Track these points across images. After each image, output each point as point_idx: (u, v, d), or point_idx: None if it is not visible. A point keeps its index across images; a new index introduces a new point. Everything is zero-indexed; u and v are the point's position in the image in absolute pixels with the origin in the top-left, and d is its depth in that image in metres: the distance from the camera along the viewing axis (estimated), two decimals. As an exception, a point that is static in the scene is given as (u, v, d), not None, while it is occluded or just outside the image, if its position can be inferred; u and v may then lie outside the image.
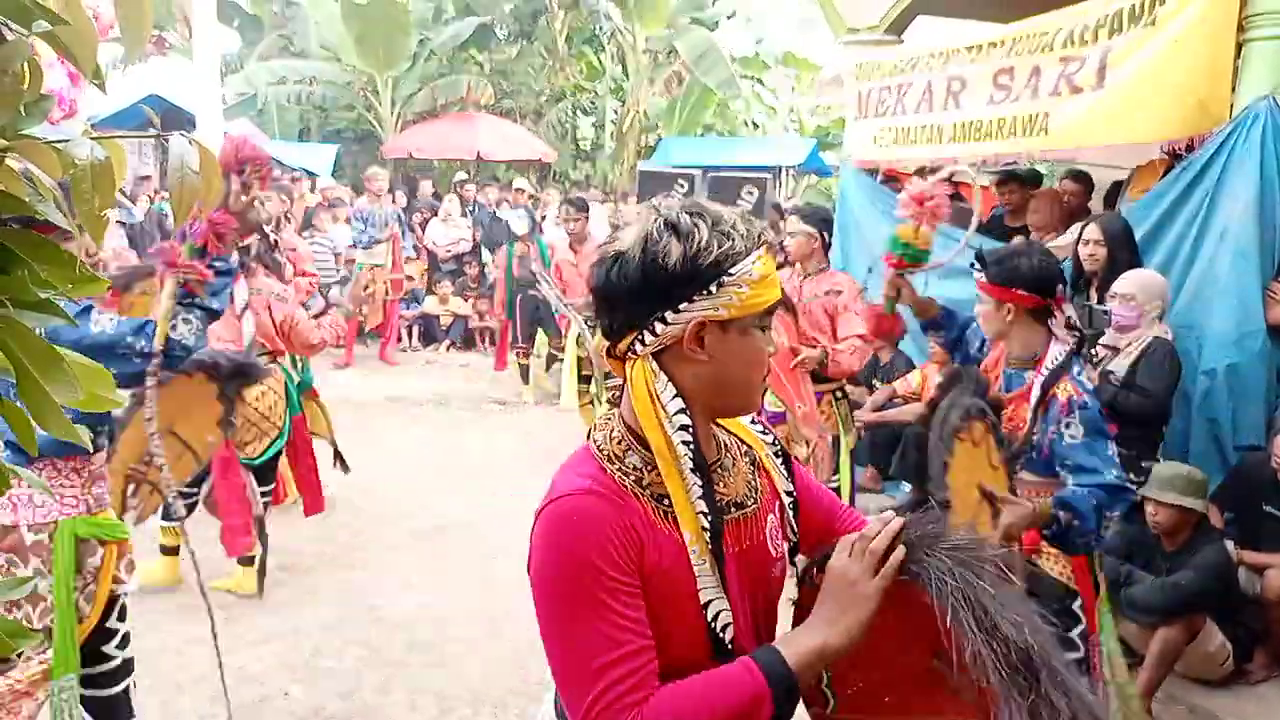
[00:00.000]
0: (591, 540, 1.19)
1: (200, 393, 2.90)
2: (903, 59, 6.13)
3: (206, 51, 12.24)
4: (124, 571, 2.48)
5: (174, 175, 0.98)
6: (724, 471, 1.34)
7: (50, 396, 0.98)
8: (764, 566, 1.35)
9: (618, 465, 1.28)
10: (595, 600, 1.17)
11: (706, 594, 1.23)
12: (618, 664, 1.16)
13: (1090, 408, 2.61)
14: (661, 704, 1.16)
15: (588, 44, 20.09)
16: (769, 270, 1.25)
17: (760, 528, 1.35)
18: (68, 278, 0.99)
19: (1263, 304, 4.06)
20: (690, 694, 1.17)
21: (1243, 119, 4.06)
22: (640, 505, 1.24)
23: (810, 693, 1.42)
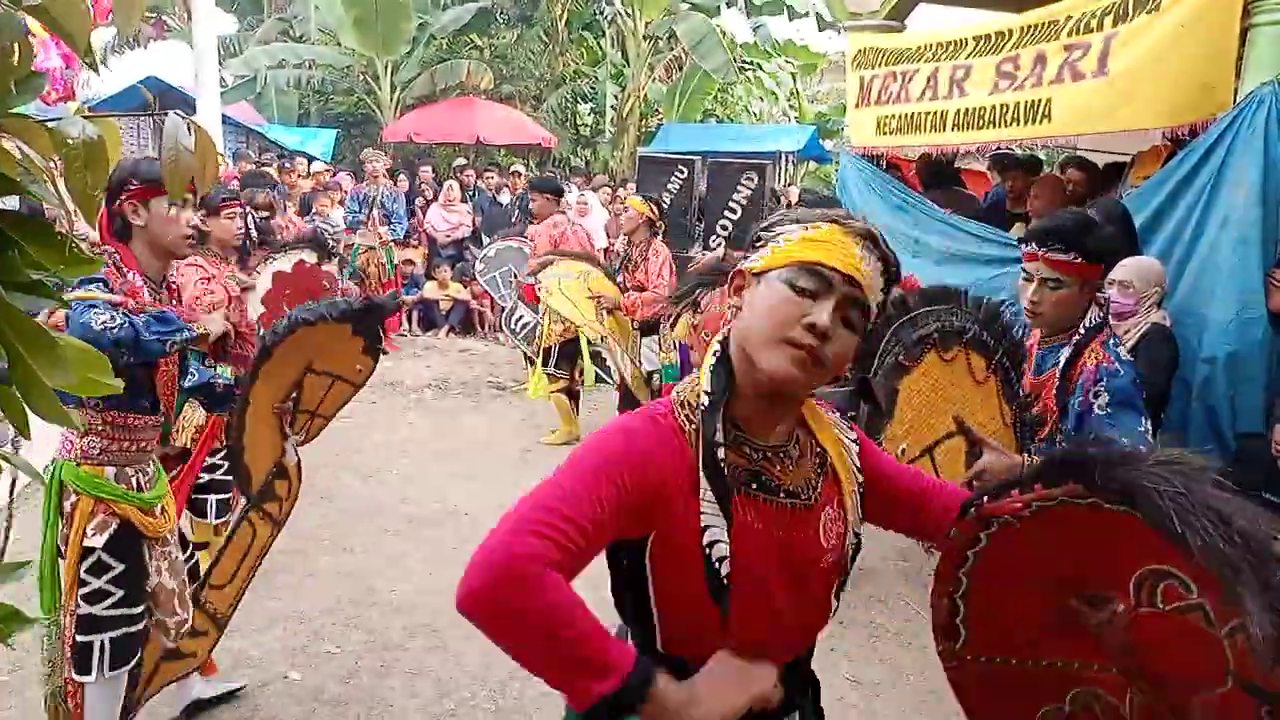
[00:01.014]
0: (620, 444, 1.27)
1: (332, 333, 2.99)
2: (908, 47, 6.10)
3: (205, 35, 12.19)
4: (92, 529, 2.57)
5: (168, 153, 0.97)
6: (785, 459, 1.37)
7: (41, 379, 0.97)
8: (809, 558, 1.38)
9: (685, 411, 1.33)
10: (585, 471, 1.22)
11: (709, 531, 1.26)
12: (558, 517, 1.17)
13: (1121, 376, 2.38)
14: (546, 580, 1.14)
15: (587, 29, 20.00)
16: (818, 236, 1.30)
17: (811, 522, 1.38)
18: (59, 259, 0.98)
19: (1264, 291, 4.04)
20: (567, 606, 1.15)
21: (1247, 104, 4.04)
22: (685, 447, 1.30)
23: (943, 626, 1.49)
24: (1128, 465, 1.24)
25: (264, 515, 3.14)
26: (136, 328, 2.36)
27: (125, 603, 2.62)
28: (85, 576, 2.59)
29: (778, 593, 1.34)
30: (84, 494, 2.57)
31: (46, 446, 2.53)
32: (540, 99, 19.23)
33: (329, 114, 19.06)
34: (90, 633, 2.59)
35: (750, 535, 1.30)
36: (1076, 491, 1.31)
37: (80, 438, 2.55)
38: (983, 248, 5.57)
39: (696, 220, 8.54)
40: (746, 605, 1.30)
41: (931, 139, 5.97)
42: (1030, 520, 1.37)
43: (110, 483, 2.59)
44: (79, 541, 2.57)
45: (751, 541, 1.30)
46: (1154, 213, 4.37)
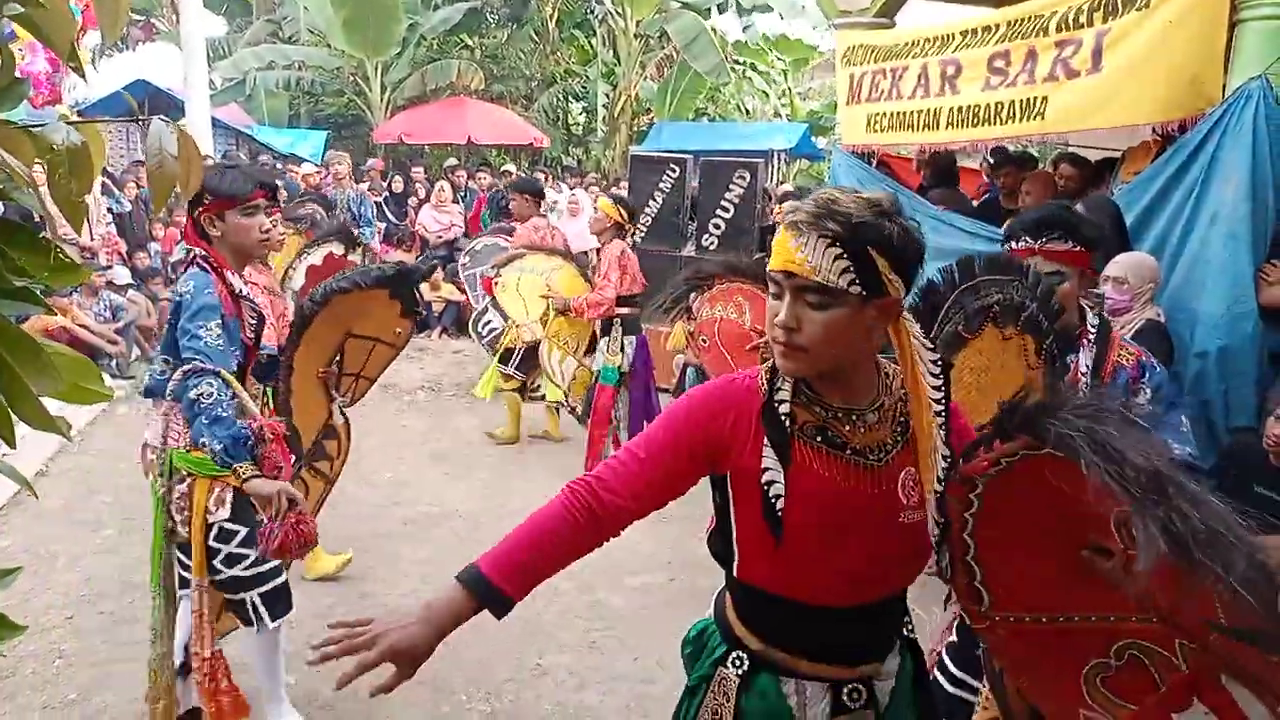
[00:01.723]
0: (691, 404, 1.57)
1: (369, 298, 3.13)
2: (896, 43, 6.10)
3: (194, 37, 12.15)
4: (213, 504, 2.80)
5: (152, 159, 0.96)
6: (858, 421, 1.52)
7: (27, 386, 0.96)
8: (882, 511, 1.51)
9: (766, 374, 1.56)
10: (673, 422, 1.56)
11: (767, 471, 1.48)
12: (634, 458, 1.55)
13: (1160, 373, 2.27)
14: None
15: (578, 28, 19.98)
16: (777, 241, 1.46)
17: (884, 480, 1.51)
18: (45, 265, 0.97)
19: (1255, 285, 4.05)
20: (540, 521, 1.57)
21: (1235, 99, 4.05)
22: (757, 402, 1.53)
23: (964, 589, 1.55)
24: (1047, 413, 1.35)
25: (315, 472, 3.34)
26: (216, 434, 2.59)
27: (260, 561, 2.84)
28: (215, 545, 2.81)
29: (843, 538, 1.49)
30: (198, 475, 2.79)
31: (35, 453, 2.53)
32: (531, 98, 19.21)
33: (319, 115, 19.00)
34: (238, 591, 2.84)
35: (810, 480, 1.49)
36: (1029, 443, 1.39)
37: (188, 427, 2.74)
38: (974, 243, 5.56)
39: (689, 219, 8.52)
40: (799, 540, 1.49)
41: (925, 137, 5.97)
42: (1006, 475, 1.45)
43: (214, 462, 2.76)
44: (203, 517, 2.79)
45: (810, 486, 1.48)
46: (1144, 208, 4.38)
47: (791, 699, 1.58)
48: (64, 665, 3.56)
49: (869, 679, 1.61)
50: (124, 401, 7.44)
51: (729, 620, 1.66)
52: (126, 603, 4.06)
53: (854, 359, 1.51)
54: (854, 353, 1.49)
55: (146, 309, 9.13)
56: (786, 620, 1.57)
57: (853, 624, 1.56)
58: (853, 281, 1.39)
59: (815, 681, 1.58)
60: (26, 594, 4.02)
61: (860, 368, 1.53)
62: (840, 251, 1.38)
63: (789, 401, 1.50)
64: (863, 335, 1.46)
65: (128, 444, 6.37)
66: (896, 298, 1.44)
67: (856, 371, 1.53)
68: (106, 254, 9.06)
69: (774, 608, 1.57)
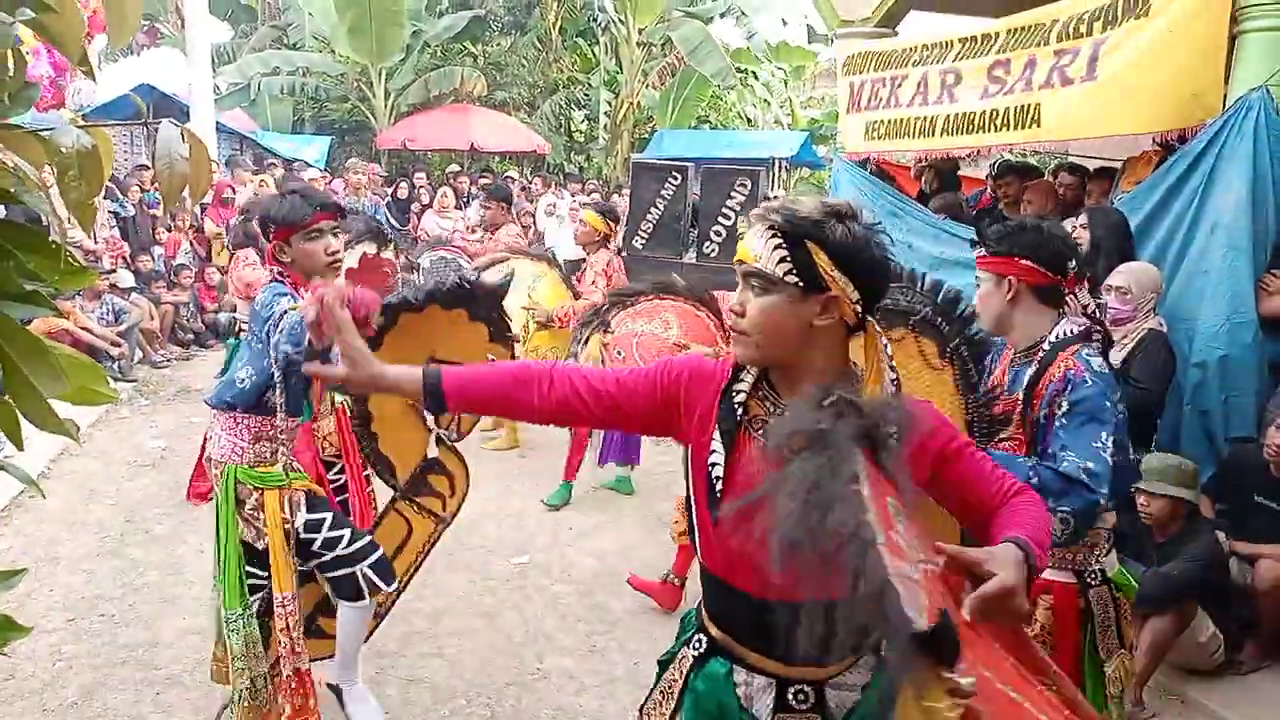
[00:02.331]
0: (671, 362, 1.68)
1: (446, 319, 2.94)
2: (896, 52, 6.12)
3: (199, 42, 12.21)
4: (289, 511, 2.84)
5: (162, 162, 0.98)
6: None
7: (35, 389, 0.97)
8: None
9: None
10: (660, 364, 1.68)
11: (713, 454, 1.57)
12: (611, 371, 1.68)
13: (1089, 386, 2.22)
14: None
15: (581, 36, 20.04)
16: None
17: None
18: (54, 269, 0.98)
19: (1254, 296, 4.06)
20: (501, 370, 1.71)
21: (1236, 110, 4.06)
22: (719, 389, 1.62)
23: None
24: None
25: (420, 510, 3.23)
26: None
27: (356, 536, 2.93)
28: (308, 536, 2.87)
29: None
30: (265, 489, 2.83)
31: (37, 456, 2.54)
32: (534, 105, 19.26)
33: (323, 121, 19.05)
34: (348, 567, 2.92)
35: (748, 469, 1.53)
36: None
37: (252, 444, 2.82)
38: (975, 251, 5.58)
39: (690, 226, 8.53)
40: (739, 524, 1.51)
41: (921, 144, 5.98)
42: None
43: (282, 473, 2.87)
44: (282, 528, 2.82)
45: (747, 475, 1.52)
46: (1144, 218, 4.39)
47: (740, 688, 1.64)
48: (64, 667, 3.56)
49: (818, 683, 1.61)
50: (126, 404, 7.45)
51: (700, 605, 1.76)
52: (127, 605, 4.07)
53: (803, 356, 1.54)
54: (798, 346, 1.53)
55: (149, 312, 9.15)
56: (732, 607, 1.64)
57: (788, 621, 1.50)
58: (789, 271, 1.47)
59: (761, 675, 1.62)
60: (27, 596, 4.03)
61: (814, 368, 1.54)
62: (780, 242, 1.48)
63: (746, 393, 1.58)
64: (806, 329, 1.51)
65: (129, 447, 6.39)
66: (839, 296, 1.49)
67: (811, 371, 1.54)
68: (110, 258, 9.08)
69: (722, 593, 1.64)
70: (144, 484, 5.68)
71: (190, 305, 9.95)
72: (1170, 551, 3.60)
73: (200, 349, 9.85)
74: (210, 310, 10.23)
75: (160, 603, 4.11)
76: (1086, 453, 2.15)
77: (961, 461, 1.57)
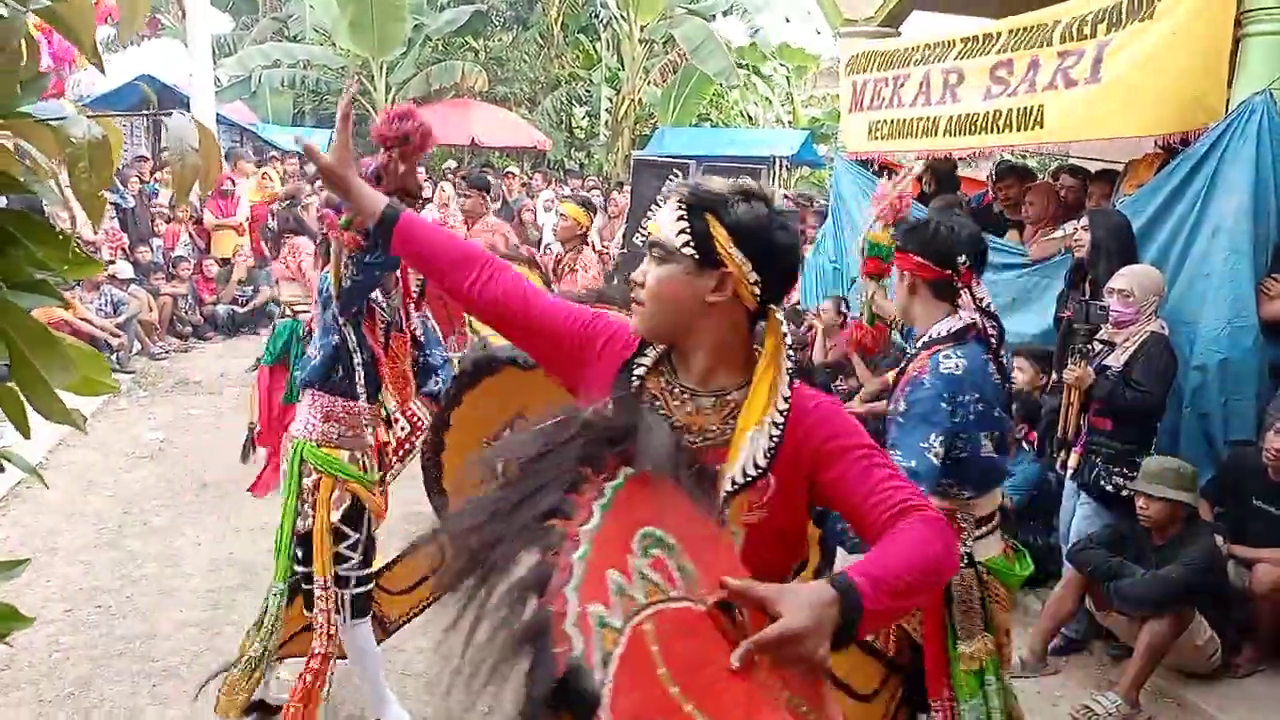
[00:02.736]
0: (619, 331, 1.65)
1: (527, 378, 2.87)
2: (898, 51, 6.12)
3: (200, 34, 12.18)
4: (334, 502, 2.89)
5: (174, 154, 0.97)
6: (691, 402, 1.55)
7: (43, 377, 0.97)
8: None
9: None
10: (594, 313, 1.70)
11: None
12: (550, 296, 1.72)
13: (928, 388, 2.29)
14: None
15: (583, 32, 20.00)
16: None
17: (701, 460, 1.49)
18: (63, 258, 0.98)
19: (1255, 299, 4.06)
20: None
21: (1238, 115, 4.06)
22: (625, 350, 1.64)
23: None
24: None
25: None
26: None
27: (361, 566, 2.95)
28: (344, 530, 2.91)
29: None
30: (324, 473, 2.88)
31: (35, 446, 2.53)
32: (535, 101, 19.23)
33: (324, 114, 19.00)
34: (337, 587, 2.91)
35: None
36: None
37: (321, 422, 2.88)
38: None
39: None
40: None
41: (924, 144, 5.98)
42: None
43: (345, 464, 2.91)
44: (328, 517, 2.87)
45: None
46: (1146, 221, 4.39)
47: None
48: (61, 658, 3.56)
49: None
50: (124, 396, 7.44)
51: None
52: (125, 597, 4.07)
53: (695, 333, 1.52)
54: (690, 320, 1.51)
55: (148, 304, 9.14)
56: None
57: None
58: (686, 242, 1.47)
59: None
60: (25, 586, 4.02)
61: (705, 350, 1.54)
62: (682, 214, 1.49)
63: (647, 368, 1.58)
64: (699, 305, 1.49)
65: (127, 438, 6.39)
66: (735, 274, 1.47)
67: (700, 352, 1.54)
68: (109, 249, 9.06)
69: None
70: (142, 476, 5.68)
71: (189, 297, 9.94)
72: (1168, 554, 3.61)
73: (199, 341, 9.84)
74: (209, 302, 10.22)
75: (158, 595, 4.11)
76: (911, 452, 2.22)
77: (841, 465, 1.46)
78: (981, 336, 2.43)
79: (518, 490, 1.19)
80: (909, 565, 1.31)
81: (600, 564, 1.15)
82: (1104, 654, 4.00)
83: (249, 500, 5.20)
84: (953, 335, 2.38)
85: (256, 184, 11.24)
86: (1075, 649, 4.05)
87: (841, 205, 6.59)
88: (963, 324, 2.40)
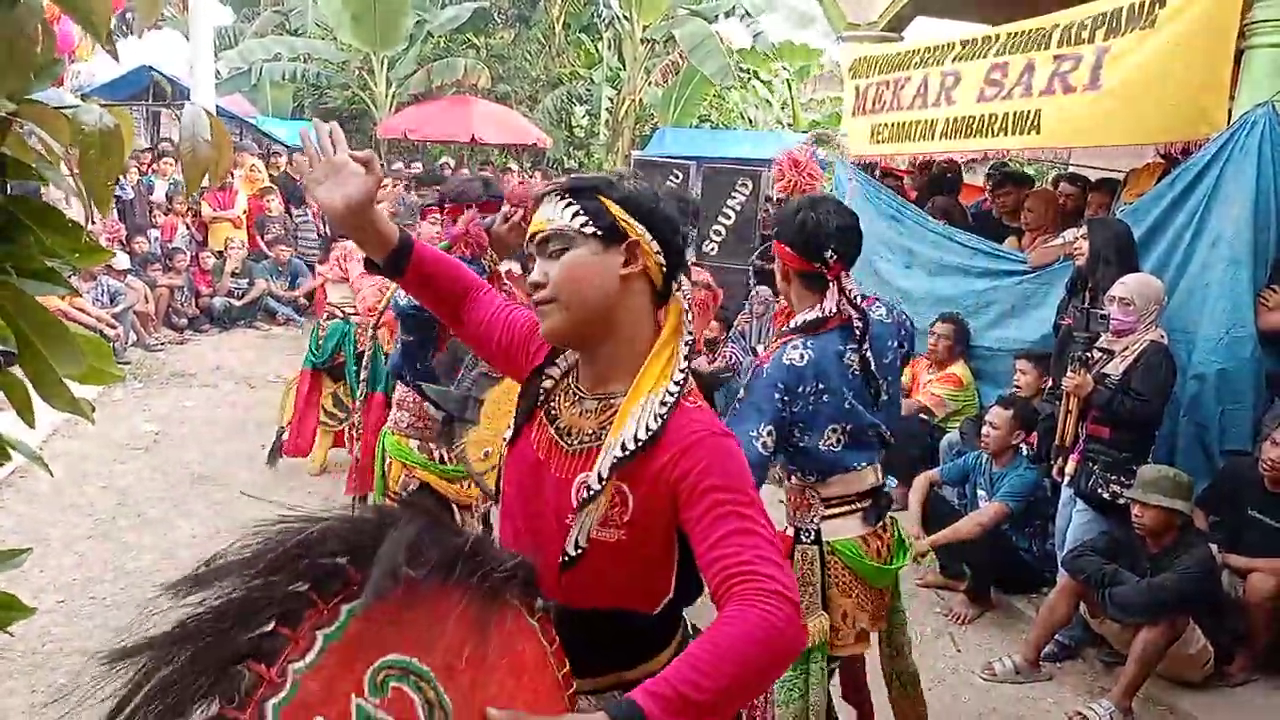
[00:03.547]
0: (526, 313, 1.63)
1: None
2: (899, 54, 6.13)
3: (201, 26, 12.13)
4: (399, 489, 3.10)
5: (186, 145, 0.97)
6: (578, 403, 1.51)
7: (52, 367, 0.96)
8: (554, 498, 1.45)
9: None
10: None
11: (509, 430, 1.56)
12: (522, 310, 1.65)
13: (765, 378, 2.32)
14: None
15: (585, 31, 19.98)
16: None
17: (569, 467, 1.45)
18: (73, 247, 0.98)
19: (1254, 310, 4.07)
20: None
21: (1241, 126, 4.07)
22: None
23: None
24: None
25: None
26: None
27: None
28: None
29: (535, 515, 1.48)
30: (394, 459, 3.09)
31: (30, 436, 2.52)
32: (536, 100, 19.20)
33: (324, 108, 18.93)
34: None
35: (525, 444, 1.52)
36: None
37: (396, 410, 3.11)
38: (974, 259, 5.59)
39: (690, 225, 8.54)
40: (508, 505, 1.55)
41: (921, 147, 5.99)
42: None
43: (413, 451, 3.08)
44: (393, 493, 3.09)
45: (524, 449, 1.52)
46: (1147, 230, 4.40)
47: None
48: (54, 649, 3.55)
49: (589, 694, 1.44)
50: (119, 387, 7.42)
51: None
52: (119, 588, 4.06)
53: (614, 319, 1.45)
54: (608, 301, 1.43)
55: (144, 294, 9.11)
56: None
57: (568, 627, 1.34)
58: (585, 223, 1.43)
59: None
60: (17, 577, 4.00)
61: (612, 340, 1.47)
62: (569, 200, 1.45)
63: (555, 380, 1.55)
64: (615, 282, 1.43)
65: (123, 430, 6.37)
66: (640, 243, 1.45)
67: (606, 346, 1.47)
68: (107, 239, 9.03)
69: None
70: (136, 467, 5.66)
71: (185, 289, 9.91)
72: (1163, 563, 3.61)
73: (195, 333, 9.81)
74: (205, 294, 10.19)
75: (152, 587, 4.09)
76: (742, 440, 2.16)
77: (699, 508, 1.29)
78: (847, 327, 2.44)
79: (210, 620, 1.00)
80: (716, 675, 1.12)
81: (303, 714, 0.97)
82: (1097, 661, 4.01)
83: (243, 492, 5.20)
84: (806, 326, 2.41)
85: (245, 176, 11.22)
86: (1069, 655, 4.06)
87: (842, 209, 6.58)
88: (817, 316, 2.41)
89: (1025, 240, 5.69)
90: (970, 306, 5.51)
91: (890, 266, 6.07)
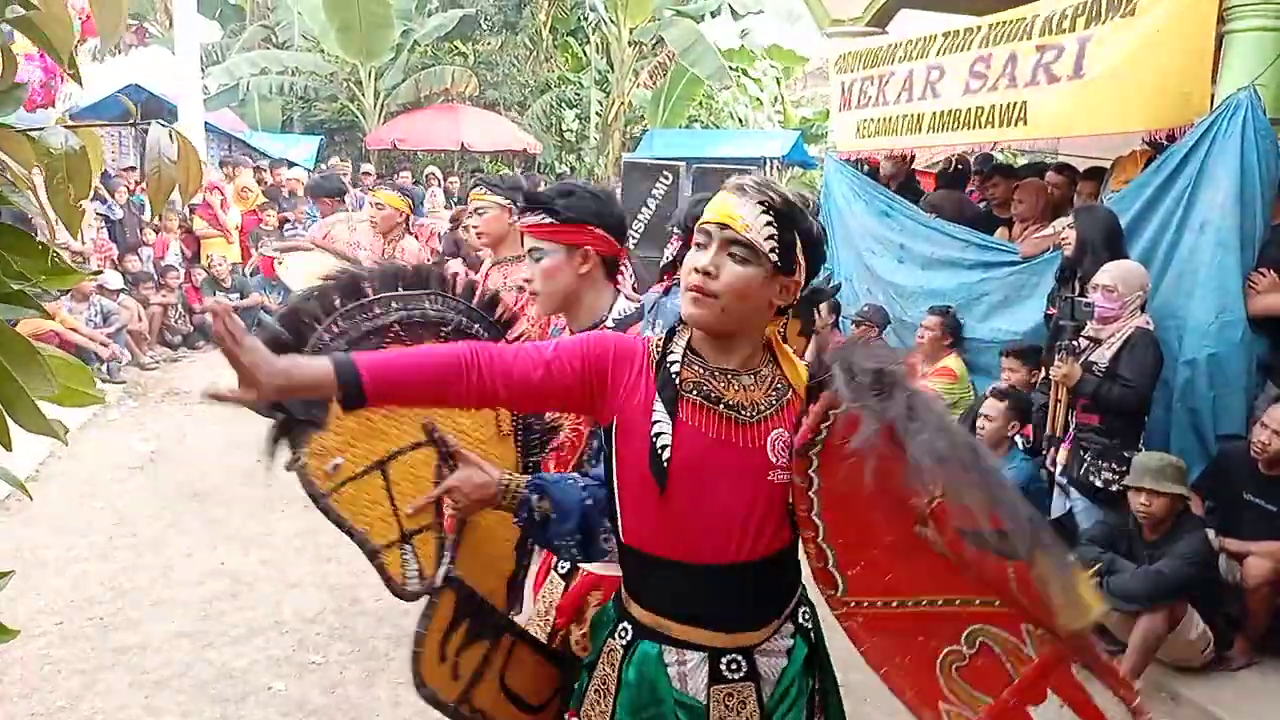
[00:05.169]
0: (623, 347, 1.65)
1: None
2: (883, 49, 6.14)
3: (187, 42, 12.15)
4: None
5: (150, 165, 0.97)
6: (735, 382, 1.61)
7: (23, 389, 0.96)
8: (753, 464, 1.58)
9: (656, 342, 1.66)
10: (585, 342, 1.65)
11: (657, 424, 1.58)
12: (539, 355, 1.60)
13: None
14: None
15: (572, 35, 20.02)
16: (717, 200, 1.60)
17: (755, 435, 1.59)
18: (41, 269, 0.98)
19: (1243, 294, 4.08)
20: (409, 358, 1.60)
21: (1224, 109, 4.08)
22: (646, 364, 1.63)
23: (820, 574, 1.59)
24: (823, 362, 1.50)
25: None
26: None
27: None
28: None
29: (715, 486, 1.57)
30: None
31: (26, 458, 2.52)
32: (525, 105, 19.22)
33: (312, 121, 18.97)
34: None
35: (687, 430, 1.58)
36: (831, 400, 1.47)
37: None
38: (966, 252, 5.60)
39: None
40: (676, 488, 1.57)
41: (907, 141, 6.01)
42: (832, 446, 1.50)
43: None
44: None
45: (688, 434, 1.57)
46: (1134, 217, 4.41)
47: (671, 668, 1.63)
48: (52, 671, 3.54)
49: (749, 651, 1.63)
50: (114, 407, 7.42)
51: (620, 592, 1.74)
52: (116, 609, 4.05)
53: (748, 327, 1.61)
54: (752, 319, 1.59)
55: (137, 314, 9.11)
56: (665, 581, 1.63)
57: (727, 585, 1.60)
58: (774, 249, 1.53)
59: (694, 650, 1.62)
60: (14, 599, 4.00)
61: (749, 338, 1.63)
62: (771, 219, 1.53)
63: (680, 361, 1.62)
64: (764, 306, 1.58)
65: (118, 449, 6.36)
66: (799, 281, 1.59)
67: (744, 339, 1.62)
68: (98, 259, 9.03)
69: (653, 569, 1.63)
70: (133, 487, 5.66)
71: (178, 307, 9.90)
72: (1160, 549, 3.62)
73: (189, 351, 9.80)
74: (199, 311, 10.18)
75: (149, 606, 4.09)
76: None
77: None
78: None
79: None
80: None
81: None
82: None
83: (240, 511, 5.20)
84: (638, 315, 2.22)
85: (235, 194, 11.21)
86: (1069, 645, 4.06)
87: (833, 205, 6.60)
88: (639, 304, 2.25)
89: (1016, 231, 5.71)
90: (963, 299, 5.51)
91: (882, 261, 6.07)
